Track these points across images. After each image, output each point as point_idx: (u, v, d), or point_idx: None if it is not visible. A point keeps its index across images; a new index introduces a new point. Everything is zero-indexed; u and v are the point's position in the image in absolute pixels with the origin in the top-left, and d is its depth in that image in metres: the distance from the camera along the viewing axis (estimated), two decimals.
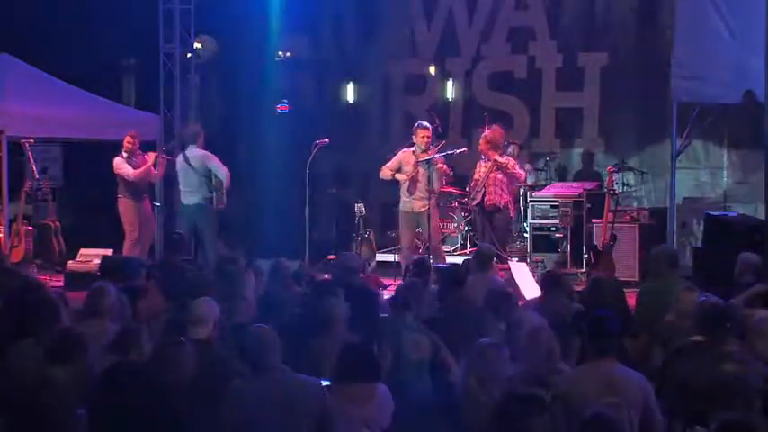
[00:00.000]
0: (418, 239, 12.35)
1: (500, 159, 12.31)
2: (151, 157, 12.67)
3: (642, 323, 7.84)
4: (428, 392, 5.78)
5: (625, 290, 8.90)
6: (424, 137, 11.83)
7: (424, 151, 11.80)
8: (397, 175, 11.93)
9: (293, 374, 5.64)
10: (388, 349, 6.32)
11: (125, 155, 12.53)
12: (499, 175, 12.35)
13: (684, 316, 6.92)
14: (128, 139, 12.57)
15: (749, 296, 8.00)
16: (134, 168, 12.44)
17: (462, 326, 7.28)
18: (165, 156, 13.16)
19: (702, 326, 6.19)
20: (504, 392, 5.28)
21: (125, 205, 12.49)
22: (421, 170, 11.76)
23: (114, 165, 12.48)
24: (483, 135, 12.56)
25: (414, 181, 11.79)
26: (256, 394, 5.49)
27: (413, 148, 11.95)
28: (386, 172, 12.01)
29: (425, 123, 12.10)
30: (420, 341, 6.07)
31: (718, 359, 5.93)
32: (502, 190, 12.33)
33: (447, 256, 12.27)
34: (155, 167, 12.64)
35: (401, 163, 11.94)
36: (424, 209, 11.71)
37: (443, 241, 13.00)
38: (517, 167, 12.44)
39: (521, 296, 9.70)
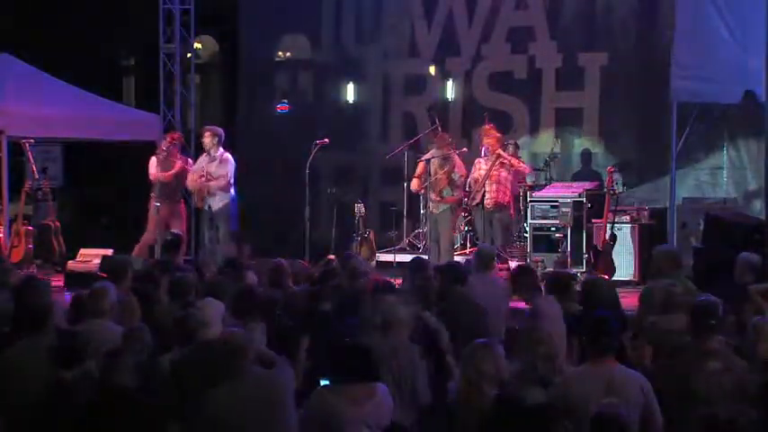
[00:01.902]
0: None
1: (504, 154, 12.40)
2: (178, 165, 12.70)
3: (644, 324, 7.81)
4: None
5: (625, 290, 8.87)
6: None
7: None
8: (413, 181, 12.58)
9: (263, 371, 5.61)
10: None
11: (161, 156, 12.64)
12: (503, 173, 12.38)
13: (664, 315, 6.97)
14: (164, 142, 12.76)
15: (765, 290, 7.84)
16: (164, 170, 12.52)
17: (464, 324, 7.28)
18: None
19: (690, 324, 6.18)
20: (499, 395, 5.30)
21: (152, 207, 12.59)
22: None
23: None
24: (490, 132, 12.53)
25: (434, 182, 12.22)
26: (232, 398, 5.37)
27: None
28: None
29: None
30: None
31: (702, 357, 5.91)
32: (506, 187, 12.38)
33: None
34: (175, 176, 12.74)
35: None
36: (436, 211, 12.24)
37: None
38: (519, 161, 12.61)
39: None
